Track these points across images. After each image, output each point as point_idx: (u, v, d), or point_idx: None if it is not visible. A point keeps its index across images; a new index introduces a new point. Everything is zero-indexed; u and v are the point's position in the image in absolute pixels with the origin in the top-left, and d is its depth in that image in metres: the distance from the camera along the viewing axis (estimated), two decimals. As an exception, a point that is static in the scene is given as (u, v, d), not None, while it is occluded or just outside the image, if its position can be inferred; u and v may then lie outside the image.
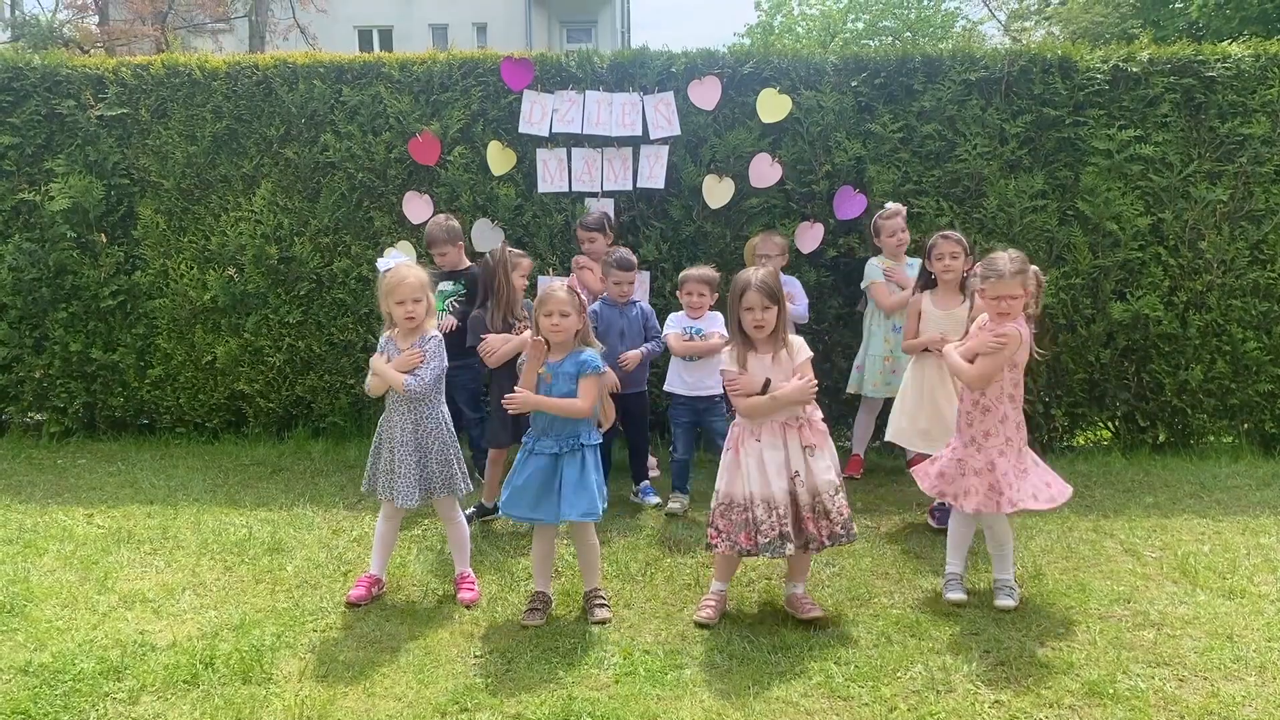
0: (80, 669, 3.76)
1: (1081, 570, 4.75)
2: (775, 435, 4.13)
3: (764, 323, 4.10)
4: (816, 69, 6.79)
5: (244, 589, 4.58)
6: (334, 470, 6.55)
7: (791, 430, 4.14)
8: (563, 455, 4.17)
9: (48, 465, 6.81)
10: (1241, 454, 6.82)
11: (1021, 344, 4.21)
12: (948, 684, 3.65)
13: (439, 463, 4.41)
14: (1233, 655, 3.85)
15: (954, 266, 5.27)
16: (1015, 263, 4.17)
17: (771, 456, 4.11)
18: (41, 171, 7.22)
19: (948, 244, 5.28)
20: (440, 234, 5.95)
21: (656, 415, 6.65)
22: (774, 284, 4.12)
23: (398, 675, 3.74)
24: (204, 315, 7.25)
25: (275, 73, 7.05)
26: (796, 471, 4.10)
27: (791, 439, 4.13)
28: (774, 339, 4.16)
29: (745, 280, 4.13)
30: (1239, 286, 6.82)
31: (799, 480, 4.09)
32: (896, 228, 6.08)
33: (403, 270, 4.33)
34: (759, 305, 4.09)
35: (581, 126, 6.84)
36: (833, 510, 4.09)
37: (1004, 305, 4.19)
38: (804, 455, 4.12)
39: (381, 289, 4.34)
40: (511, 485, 4.24)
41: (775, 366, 4.15)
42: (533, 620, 4.18)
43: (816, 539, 4.08)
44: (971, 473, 4.28)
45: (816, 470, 4.11)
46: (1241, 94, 6.70)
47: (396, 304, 4.30)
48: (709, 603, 4.24)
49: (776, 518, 4.04)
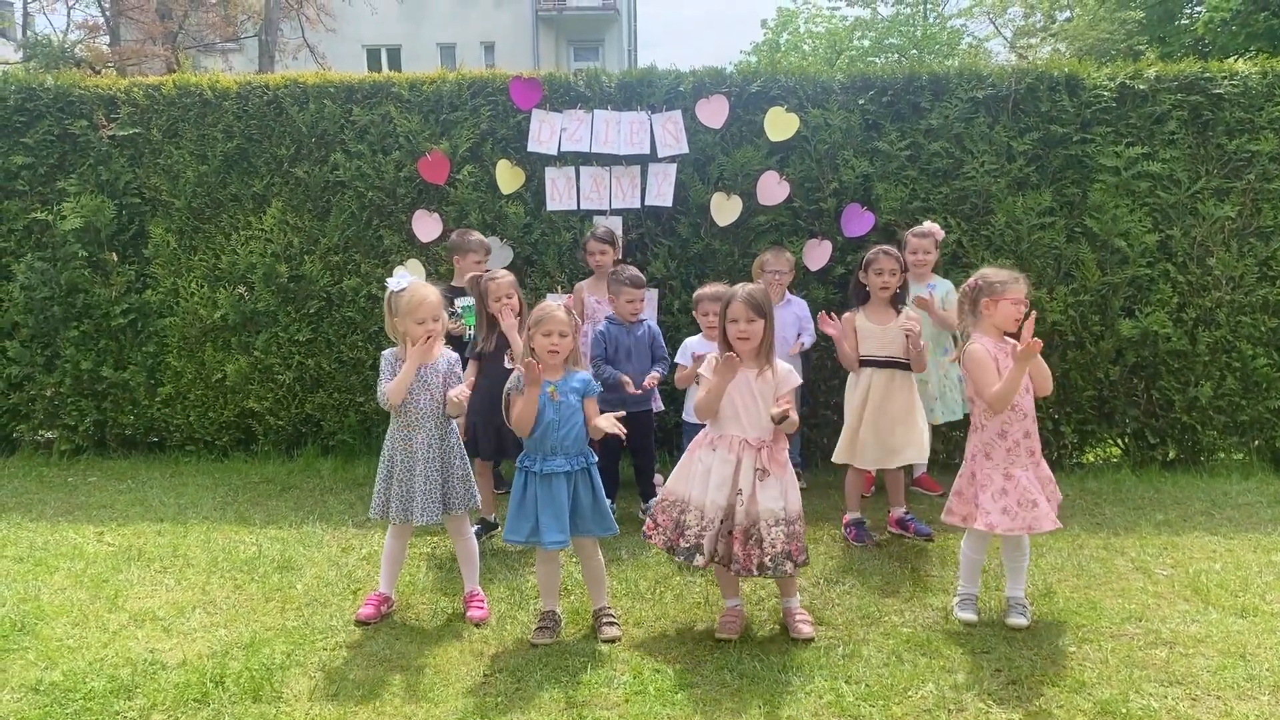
0: (91, 688, 3.77)
1: (1092, 588, 4.73)
2: (731, 450, 4.13)
3: (748, 334, 4.11)
4: (824, 87, 6.83)
5: (254, 607, 4.58)
6: (343, 488, 6.56)
7: (750, 449, 4.12)
8: (575, 474, 4.18)
9: (58, 483, 6.83)
10: (1252, 471, 6.79)
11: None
12: (959, 703, 3.64)
13: (460, 478, 4.46)
14: (1246, 674, 3.82)
15: (891, 283, 5.28)
16: (1012, 274, 4.34)
17: (719, 469, 4.12)
18: (54, 191, 7.28)
19: (888, 260, 5.27)
20: (475, 244, 6.16)
21: (664, 433, 6.65)
22: (761, 298, 4.14)
23: (407, 694, 3.74)
24: (214, 333, 7.28)
25: (286, 92, 7.11)
26: (740, 490, 4.09)
27: (747, 457, 4.11)
28: (759, 355, 4.16)
29: (732, 292, 4.17)
30: (1248, 303, 6.81)
31: (740, 499, 4.08)
32: (919, 246, 6.03)
33: (423, 289, 4.36)
34: (743, 317, 4.10)
35: (590, 145, 6.88)
36: (766, 540, 4.04)
37: (1018, 312, 4.27)
38: (754, 478, 4.09)
39: (400, 307, 4.33)
40: (534, 515, 4.14)
41: (759, 383, 4.15)
42: (543, 639, 4.17)
43: (741, 563, 4.06)
44: (1001, 493, 4.26)
45: (761, 497, 4.07)
46: (1249, 110, 6.71)
47: (417, 323, 4.31)
48: (729, 620, 4.25)
49: (700, 528, 4.08)
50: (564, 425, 4.14)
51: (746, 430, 4.14)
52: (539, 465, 4.17)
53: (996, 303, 4.30)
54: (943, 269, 6.66)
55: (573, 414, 4.17)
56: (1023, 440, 4.28)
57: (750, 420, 4.15)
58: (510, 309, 5.27)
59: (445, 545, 5.35)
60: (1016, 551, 4.36)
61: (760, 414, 4.15)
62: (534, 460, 4.19)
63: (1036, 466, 4.32)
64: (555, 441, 4.17)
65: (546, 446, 4.18)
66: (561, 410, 4.16)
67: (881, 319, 5.32)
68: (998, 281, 4.31)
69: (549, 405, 4.16)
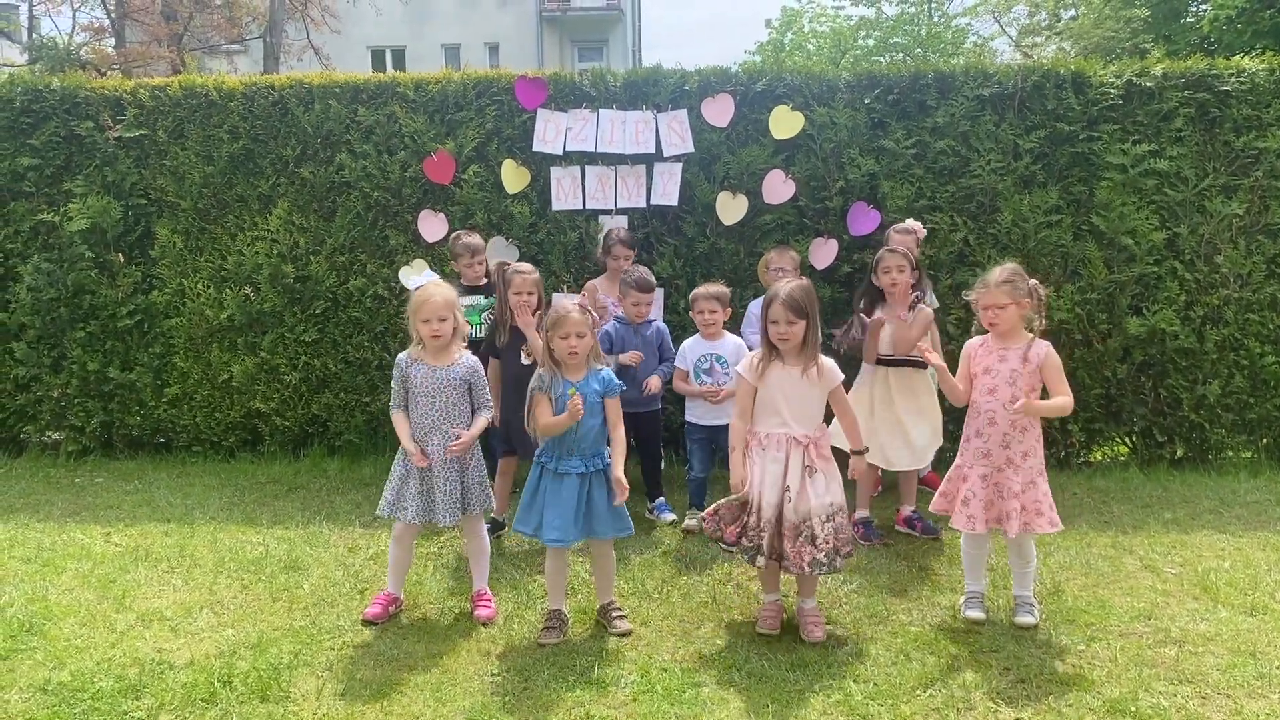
0: (99, 688, 3.77)
1: (1101, 587, 4.72)
2: (780, 448, 4.13)
3: (788, 336, 4.10)
4: (829, 86, 6.82)
5: (261, 607, 4.58)
6: (350, 488, 6.56)
7: (797, 447, 4.12)
8: (590, 475, 4.18)
9: (65, 484, 6.84)
10: (1261, 469, 6.77)
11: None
12: (968, 702, 3.63)
13: (476, 480, 4.45)
14: (1256, 672, 3.81)
15: (900, 280, 5.26)
16: (1004, 273, 4.25)
17: (770, 468, 4.12)
18: (60, 192, 7.29)
19: (894, 258, 5.26)
20: (461, 248, 6.09)
21: (670, 433, 6.65)
22: (802, 298, 4.11)
23: (415, 694, 3.74)
24: (220, 334, 7.29)
25: (291, 93, 7.11)
26: (788, 487, 4.08)
27: (795, 454, 4.12)
28: (803, 353, 4.15)
29: (773, 293, 4.15)
30: (1256, 301, 6.79)
31: (788, 496, 4.08)
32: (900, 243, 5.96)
33: (430, 289, 4.33)
34: (783, 319, 4.09)
35: (595, 144, 6.87)
36: (819, 537, 4.05)
37: (991, 315, 4.26)
38: (803, 475, 4.10)
39: (409, 306, 4.36)
40: (541, 509, 4.18)
41: (804, 381, 4.14)
42: (550, 639, 4.17)
43: (794, 562, 4.06)
44: (1011, 495, 4.24)
45: (811, 493, 4.08)
46: (1256, 108, 6.68)
47: (422, 322, 4.29)
48: (767, 614, 4.26)
49: (759, 527, 4.09)
50: (581, 426, 4.13)
51: (793, 428, 4.14)
52: (555, 464, 4.18)
53: (975, 302, 4.35)
54: (950, 268, 6.67)
55: (591, 414, 4.15)
56: (973, 438, 4.34)
57: (796, 417, 4.14)
58: (527, 306, 5.18)
59: (451, 547, 5.35)
60: (1019, 558, 4.34)
61: (807, 410, 4.15)
62: (551, 458, 4.20)
63: (999, 471, 4.27)
64: (572, 442, 4.16)
65: (564, 447, 4.18)
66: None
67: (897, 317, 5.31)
68: (979, 283, 4.33)
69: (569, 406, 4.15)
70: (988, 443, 4.29)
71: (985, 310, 4.28)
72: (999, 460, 4.28)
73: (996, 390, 4.28)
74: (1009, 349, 4.30)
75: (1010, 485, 4.23)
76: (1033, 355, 4.24)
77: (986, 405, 4.30)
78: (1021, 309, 4.26)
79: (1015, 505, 4.20)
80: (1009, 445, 4.27)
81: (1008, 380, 4.25)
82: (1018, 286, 4.23)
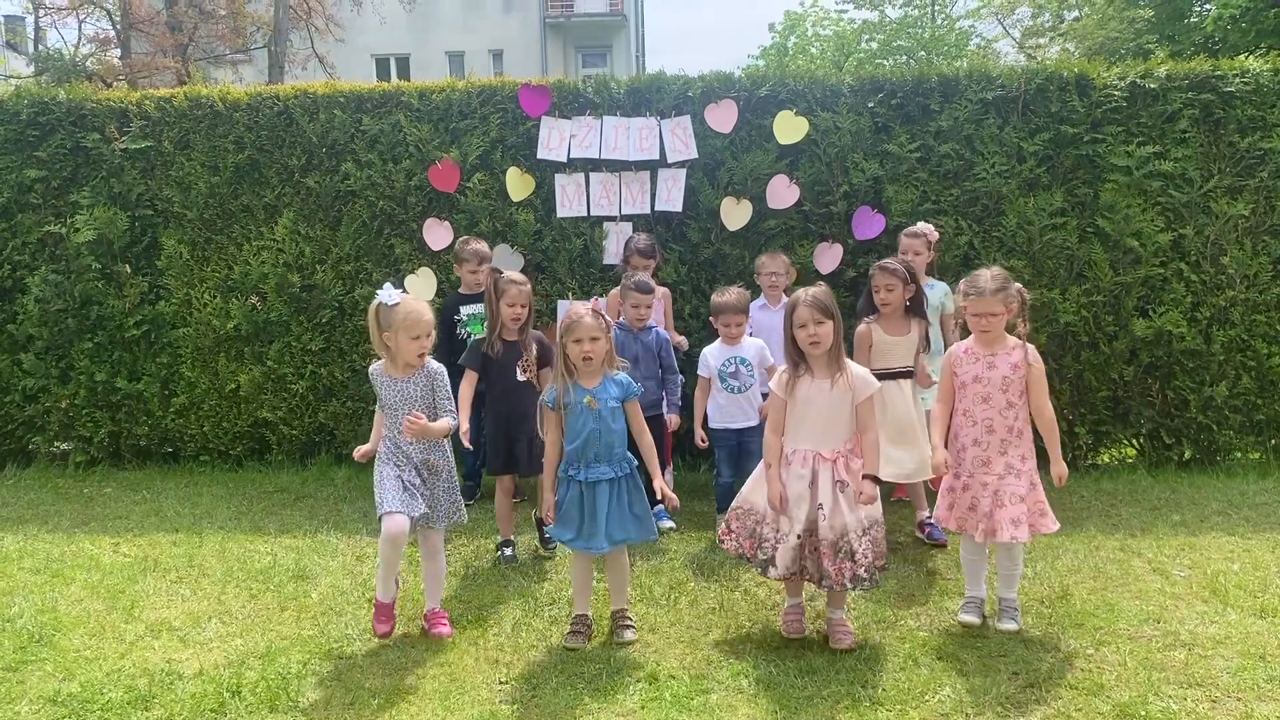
0: (108, 698, 3.78)
1: (1109, 590, 4.70)
2: (805, 465, 4.07)
3: (819, 337, 4.01)
4: (833, 90, 6.82)
5: (269, 617, 4.59)
6: (357, 496, 6.56)
7: (825, 462, 4.05)
8: (619, 480, 4.17)
9: (74, 495, 6.86)
10: (1269, 470, 6.75)
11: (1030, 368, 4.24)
12: (976, 707, 3.62)
13: (445, 490, 4.37)
14: (1266, 675, 3.79)
15: (890, 299, 5.23)
16: (996, 280, 4.20)
17: (795, 485, 4.07)
18: (67, 204, 7.32)
19: (884, 276, 5.23)
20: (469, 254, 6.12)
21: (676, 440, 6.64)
22: (825, 298, 4.05)
23: (423, 702, 3.74)
24: (227, 344, 7.31)
25: (296, 103, 7.14)
26: (821, 504, 4.02)
27: (824, 471, 4.05)
28: (831, 360, 4.07)
29: (795, 298, 4.08)
30: (1263, 301, 6.77)
31: (822, 514, 4.02)
32: (910, 247, 5.98)
33: (419, 304, 4.25)
34: (811, 320, 4.01)
35: (599, 151, 6.88)
36: (858, 552, 3.99)
37: (985, 323, 4.23)
38: (834, 491, 4.03)
39: (394, 322, 4.15)
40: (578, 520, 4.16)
41: (834, 393, 4.05)
42: (576, 643, 4.17)
43: (833, 578, 4.00)
44: (1015, 500, 4.21)
45: (845, 508, 4.02)
46: (1261, 108, 6.67)
47: (412, 339, 4.17)
48: (793, 619, 4.25)
49: (775, 540, 4.05)
50: (606, 433, 4.13)
51: (820, 443, 4.06)
52: (583, 474, 4.15)
53: (965, 309, 4.32)
54: (955, 271, 6.64)
55: (614, 420, 4.15)
56: (970, 447, 4.30)
57: (825, 433, 4.07)
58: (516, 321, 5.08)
59: (456, 553, 5.35)
60: (1008, 560, 4.32)
61: (836, 426, 4.07)
62: (578, 469, 4.17)
63: (999, 479, 4.24)
64: (599, 449, 4.14)
65: (589, 455, 4.15)
66: (602, 418, 4.13)
67: (895, 331, 5.29)
68: (964, 292, 4.29)
69: (588, 414, 4.13)
70: (987, 450, 4.27)
71: (978, 318, 4.24)
72: (998, 468, 4.25)
73: (990, 398, 4.26)
74: (996, 355, 4.28)
75: (1015, 490, 4.22)
76: (1033, 360, 4.24)
77: (983, 414, 4.26)
78: (1010, 315, 4.25)
79: (1021, 510, 4.19)
80: (1007, 451, 4.25)
81: (1000, 387, 4.24)
82: (1009, 293, 4.22)
